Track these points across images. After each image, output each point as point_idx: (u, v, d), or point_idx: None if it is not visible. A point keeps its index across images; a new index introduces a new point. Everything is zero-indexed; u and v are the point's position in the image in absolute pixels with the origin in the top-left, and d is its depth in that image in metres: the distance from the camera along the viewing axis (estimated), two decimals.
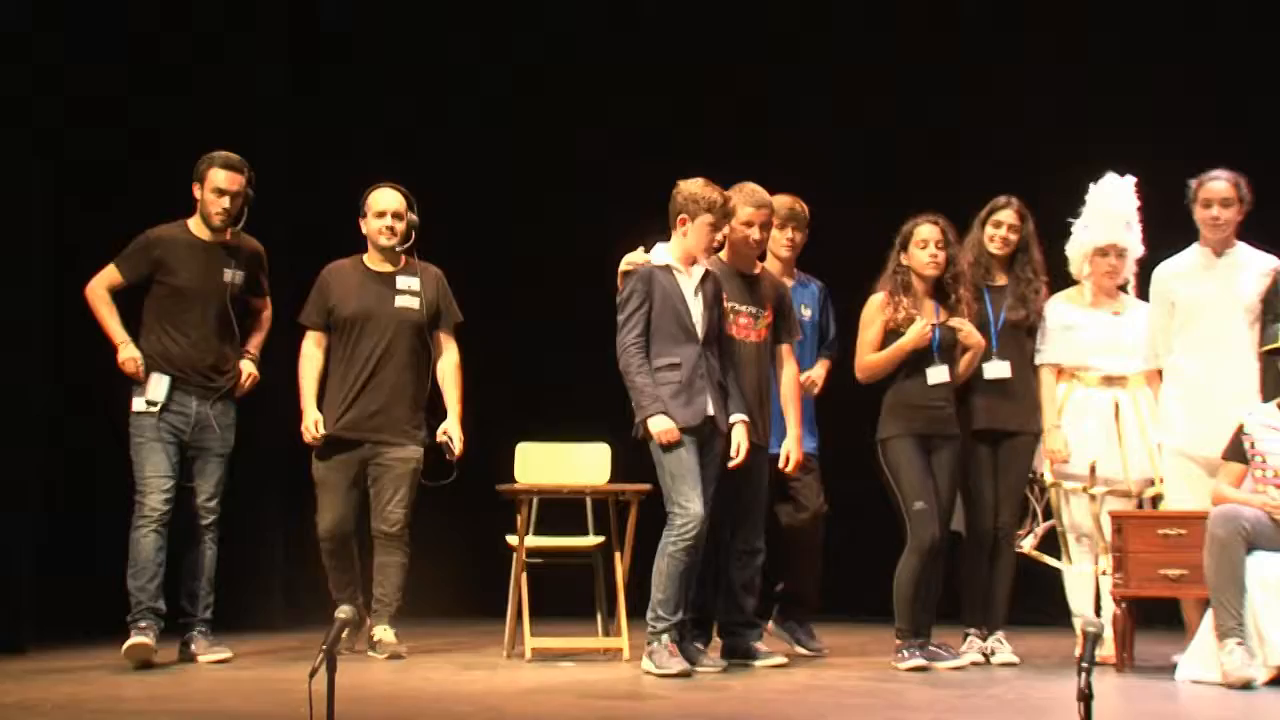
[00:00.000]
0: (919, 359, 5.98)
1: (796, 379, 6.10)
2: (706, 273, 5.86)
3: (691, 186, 5.81)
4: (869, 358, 6.02)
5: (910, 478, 5.91)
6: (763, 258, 6.23)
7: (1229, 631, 5.39)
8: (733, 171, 6.03)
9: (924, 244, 6.00)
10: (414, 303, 6.29)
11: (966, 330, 6.00)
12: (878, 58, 8.20)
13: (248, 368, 6.16)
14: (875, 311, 6.03)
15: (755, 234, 5.99)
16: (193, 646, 6.01)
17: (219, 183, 6.02)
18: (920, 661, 5.81)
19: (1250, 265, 6.05)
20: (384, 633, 6.18)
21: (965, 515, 6.12)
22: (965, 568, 6.19)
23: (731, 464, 5.78)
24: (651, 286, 5.79)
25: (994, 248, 6.24)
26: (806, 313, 6.40)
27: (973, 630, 6.20)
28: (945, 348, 6.01)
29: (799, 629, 6.42)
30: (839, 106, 8.22)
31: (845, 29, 8.32)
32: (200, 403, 6.03)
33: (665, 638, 5.63)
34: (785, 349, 6.09)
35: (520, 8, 8.55)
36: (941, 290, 6.05)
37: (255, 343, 6.25)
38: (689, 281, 5.81)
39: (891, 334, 5.99)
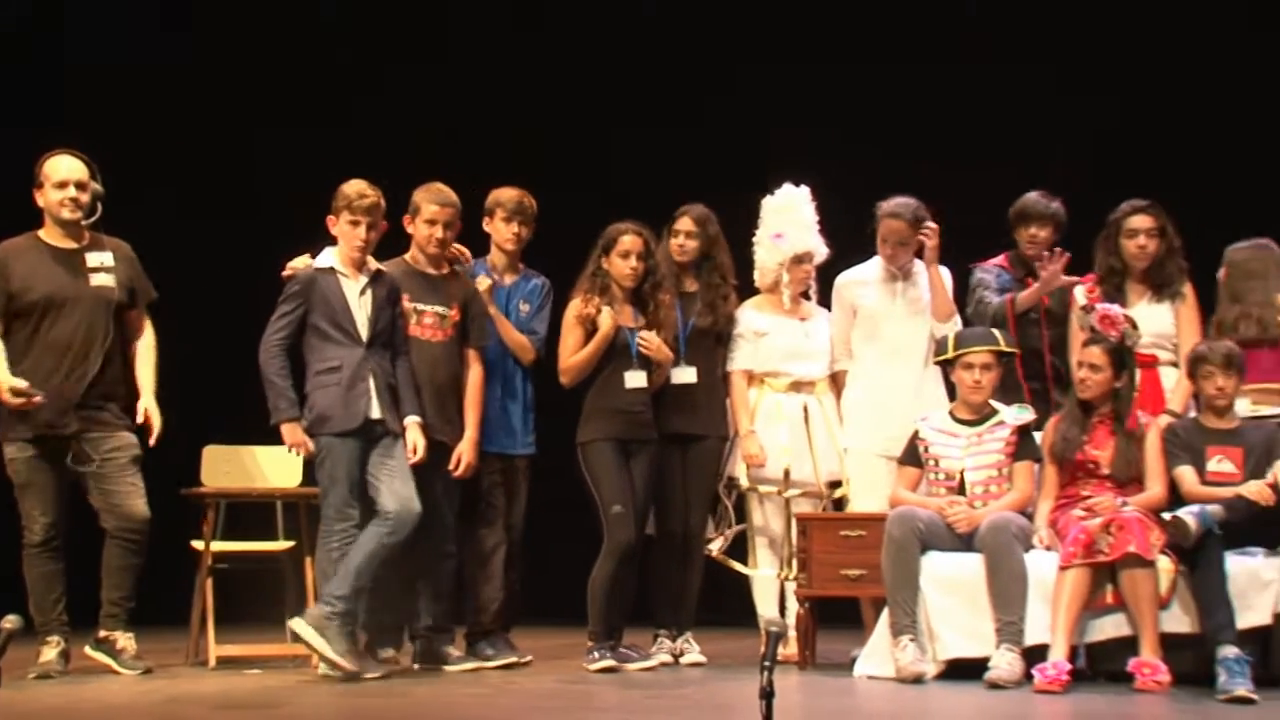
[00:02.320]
0: (618, 363, 6.04)
1: (480, 382, 6.06)
2: (378, 273, 5.79)
3: (343, 187, 5.75)
4: (570, 360, 6.05)
5: (609, 481, 5.96)
6: (518, 257, 6.22)
7: (903, 629, 5.60)
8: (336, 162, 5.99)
9: (625, 254, 6.07)
10: (110, 280, 5.84)
11: (655, 345, 6.06)
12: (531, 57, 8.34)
13: None
14: (569, 311, 6.07)
15: (439, 233, 5.94)
16: None
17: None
18: (610, 663, 5.86)
19: (926, 275, 6.32)
20: (128, 640, 5.84)
21: (655, 518, 6.21)
22: (655, 569, 6.28)
23: (411, 461, 5.73)
24: (310, 290, 5.70)
25: (676, 255, 6.36)
26: (525, 308, 6.34)
27: (662, 631, 6.30)
28: (643, 353, 6.08)
29: (496, 638, 6.37)
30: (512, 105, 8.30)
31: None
32: None
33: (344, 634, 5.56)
34: (472, 353, 6.05)
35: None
36: (641, 298, 6.13)
37: None
38: (353, 284, 5.74)
39: (590, 335, 6.03)
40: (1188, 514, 5.36)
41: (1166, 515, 5.42)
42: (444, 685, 5.58)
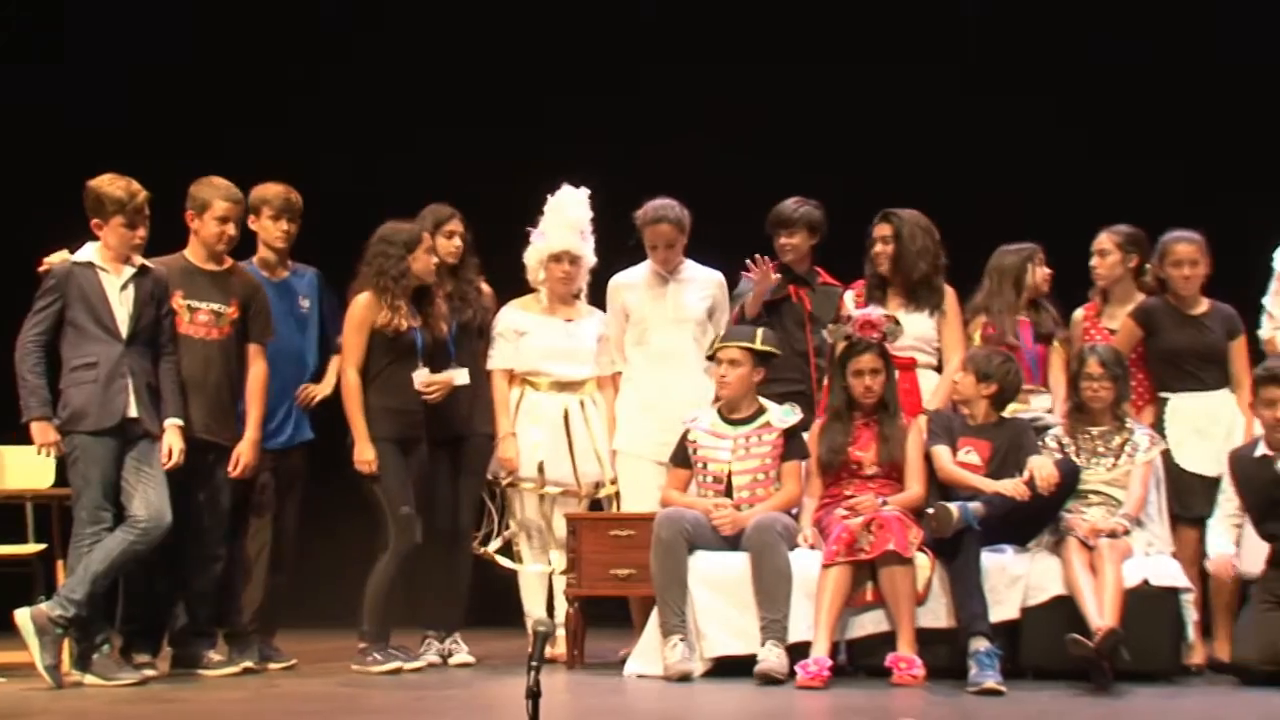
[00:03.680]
0: (401, 361, 5.96)
1: (263, 380, 5.93)
2: (143, 269, 5.63)
3: (99, 187, 5.59)
4: (353, 384, 5.91)
5: (395, 482, 5.89)
6: (287, 254, 6.11)
7: (672, 628, 5.66)
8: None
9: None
10: None
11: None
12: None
13: None
14: (365, 312, 5.95)
15: (231, 230, 5.81)
16: None
17: None
18: (398, 664, 5.81)
19: (696, 280, 6.41)
20: None
21: (424, 517, 6.16)
22: (423, 570, 6.22)
23: (165, 466, 5.58)
24: (67, 285, 5.54)
25: (448, 256, 6.30)
26: (306, 303, 6.24)
27: (431, 632, 6.25)
28: (428, 350, 6.03)
29: (261, 643, 6.23)
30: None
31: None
32: None
33: (106, 647, 5.41)
34: (254, 349, 5.92)
35: None
36: (426, 295, 6.08)
37: None
38: (114, 279, 5.58)
39: (378, 334, 5.93)
40: (951, 505, 5.55)
41: (930, 509, 5.60)
42: (203, 690, 5.45)
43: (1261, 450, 5.69)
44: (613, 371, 6.45)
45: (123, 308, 5.56)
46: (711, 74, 8.02)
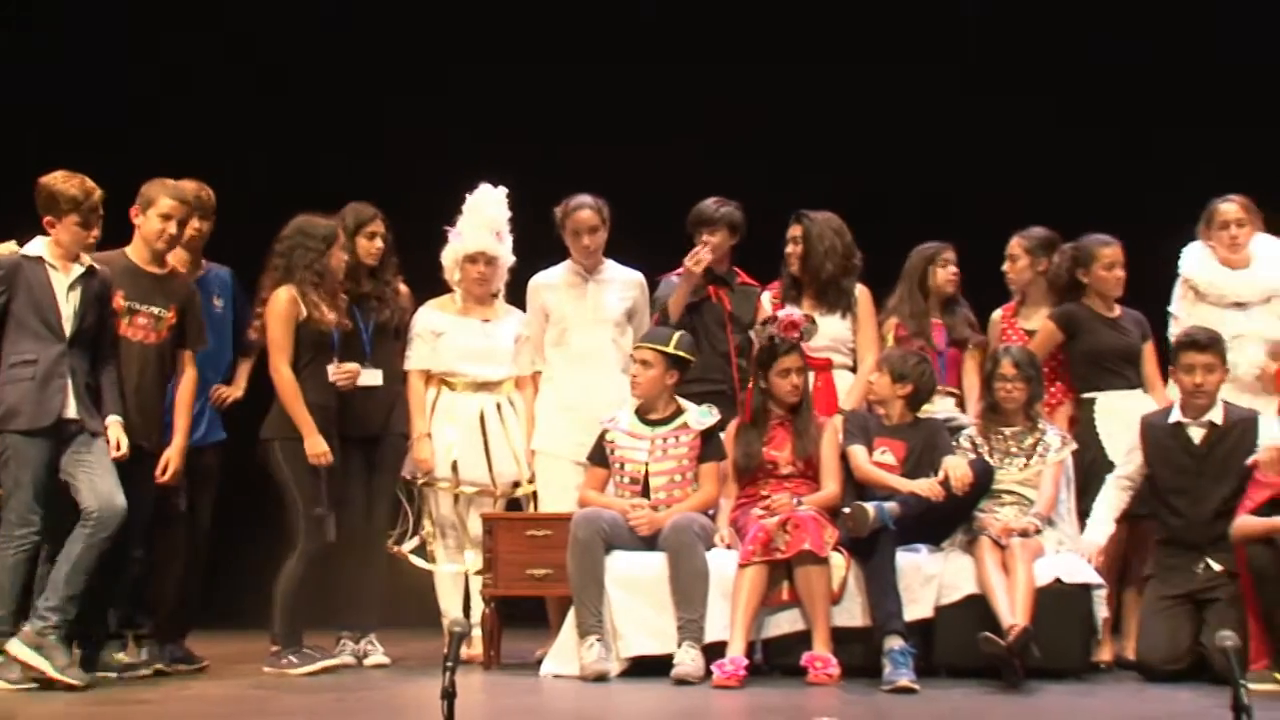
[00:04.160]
0: (317, 357, 5.92)
1: (193, 386, 5.86)
2: (90, 269, 5.55)
3: (52, 185, 5.50)
4: (285, 380, 5.86)
5: (308, 481, 5.84)
6: (200, 253, 6.06)
7: (589, 629, 5.66)
8: None
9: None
10: None
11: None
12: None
13: None
14: (290, 306, 5.88)
15: (173, 229, 5.72)
16: None
17: None
18: (301, 666, 5.76)
19: (616, 281, 6.41)
20: None
21: (337, 517, 6.10)
22: (338, 570, 6.17)
23: (114, 457, 5.51)
24: (15, 278, 5.44)
25: (368, 257, 6.26)
26: (219, 303, 6.18)
27: (345, 633, 6.21)
28: (342, 347, 5.99)
29: (172, 644, 6.15)
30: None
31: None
32: None
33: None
34: (186, 355, 5.85)
35: None
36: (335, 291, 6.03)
37: None
38: (63, 278, 5.49)
39: (301, 328, 5.87)
40: (867, 505, 5.59)
41: (846, 508, 5.63)
42: (112, 693, 5.36)
43: (1176, 416, 5.77)
44: (532, 371, 6.43)
45: (68, 306, 5.48)
46: (649, 73, 8.05)
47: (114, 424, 5.56)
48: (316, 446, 5.83)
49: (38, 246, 5.53)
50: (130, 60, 8.16)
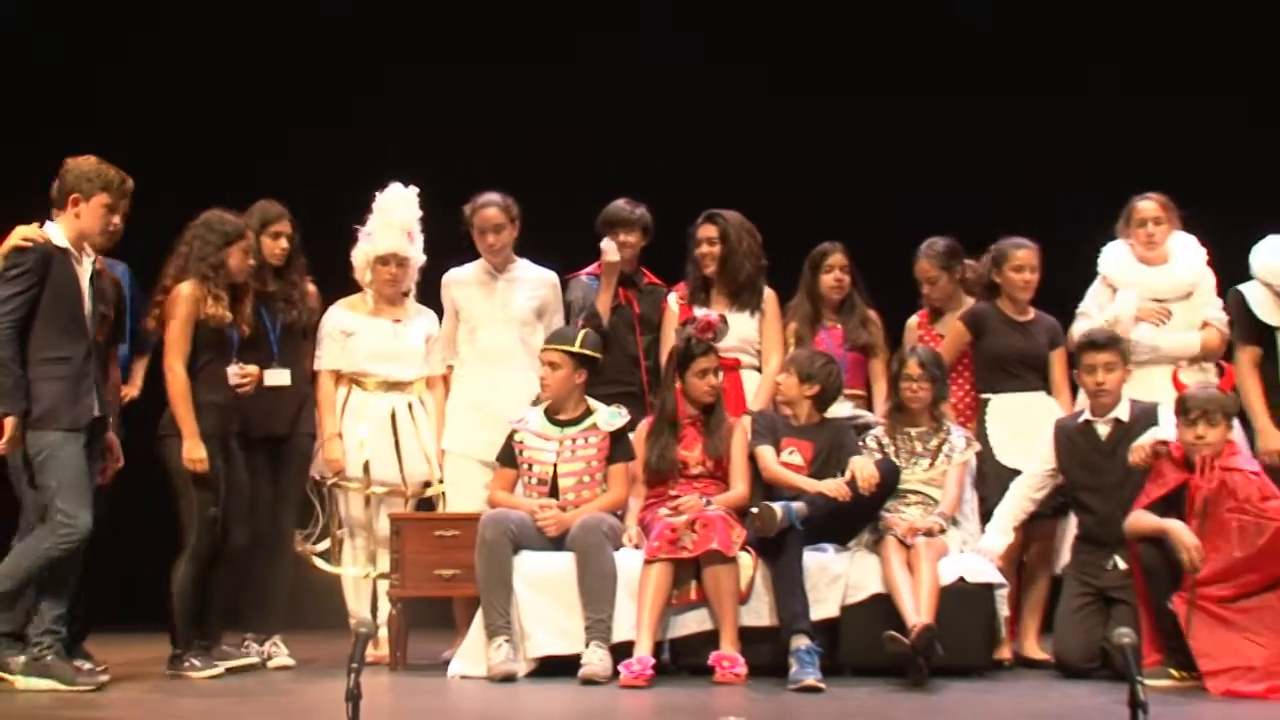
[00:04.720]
0: (216, 356, 5.84)
1: (116, 386, 5.80)
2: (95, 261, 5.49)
3: (85, 164, 5.40)
4: (178, 384, 5.76)
5: (205, 480, 5.75)
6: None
7: (497, 630, 5.64)
8: None
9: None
10: None
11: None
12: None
13: None
14: (191, 304, 5.79)
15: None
16: None
17: None
18: (203, 670, 5.69)
19: (526, 279, 6.40)
20: None
21: (243, 517, 6.03)
22: (243, 571, 6.10)
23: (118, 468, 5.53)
24: (49, 269, 5.30)
25: (274, 258, 6.20)
26: None
27: (250, 634, 6.14)
28: (243, 346, 5.93)
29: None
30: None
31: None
32: None
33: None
34: (113, 354, 5.78)
35: None
36: (238, 291, 5.95)
37: None
38: (84, 271, 5.38)
39: (201, 326, 5.79)
40: (775, 505, 5.61)
41: (754, 508, 5.65)
42: (6, 697, 5.26)
43: (1085, 416, 5.86)
44: (443, 370, 6.40)
45: (89, 301, 5.39)
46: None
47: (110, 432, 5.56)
48: (194, 451, 5.71)
49: (57, 235, 5.37)
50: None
